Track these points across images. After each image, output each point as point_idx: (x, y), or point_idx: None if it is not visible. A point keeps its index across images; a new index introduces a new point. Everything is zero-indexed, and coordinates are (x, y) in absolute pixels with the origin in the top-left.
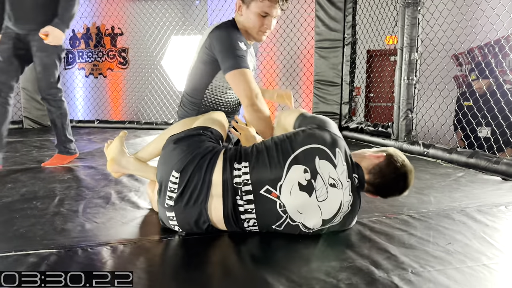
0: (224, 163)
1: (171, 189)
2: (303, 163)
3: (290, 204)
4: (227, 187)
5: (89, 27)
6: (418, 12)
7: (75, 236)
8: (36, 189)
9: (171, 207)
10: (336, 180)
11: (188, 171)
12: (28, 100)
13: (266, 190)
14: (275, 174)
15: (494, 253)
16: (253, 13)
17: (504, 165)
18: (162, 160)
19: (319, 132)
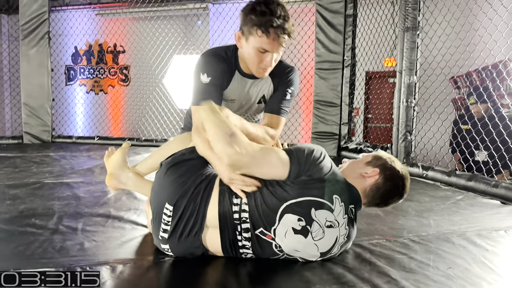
0: (221, 195)
1: (164, 221)
2: (297, 213)
3: (286, 246)
4: (226, 221)
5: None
6: (417, 36)
7: (74, 255)
8: (35, 206)
9: (165, 240)
10: (333, 221)
11: (182, 204)
12: (29, 115)
13: (261, 232)
14: (270, 218)
15: (494, 278)
16: (251, 47)
17: (503, 189)
18: (156, 187)
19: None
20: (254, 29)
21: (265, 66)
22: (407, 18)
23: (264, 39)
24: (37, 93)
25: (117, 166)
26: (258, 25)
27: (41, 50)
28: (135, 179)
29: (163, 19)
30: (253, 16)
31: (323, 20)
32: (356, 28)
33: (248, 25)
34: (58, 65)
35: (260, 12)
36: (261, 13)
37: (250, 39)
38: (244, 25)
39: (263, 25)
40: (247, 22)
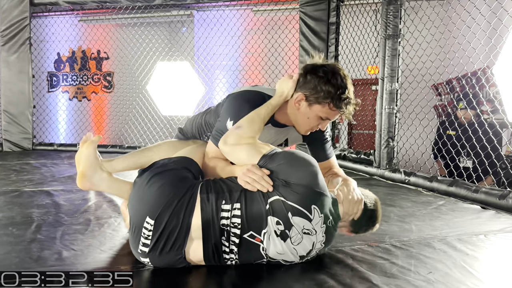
0: (203, 203)
1: (144, 235)
2: (276, 216)
3: (271, 249)
4: (209, 228)
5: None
6: (398, 44)
7: (52, 264)
8: (13, 215)
9: (144, 254)
10: (311, 230)
11: (164, 219)
12: (9, 123)
13: (250, 235)
14: (261, 220)
15: (474, 282)
16: (313, 114)
17: (483, 194)
18: (136, 196)
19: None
20: (326, 101)
21: (317, 129)
22: (389, 25)
23: (335, 112)
24: (18, 100)
25: (89, 165)
26: (333, 99)
27: (22, 56)
28: (109, 180)
29: (146, 25)
30: (330, 88)
31: (306, 27)
32: (339, 35)
33: (321, 94)
34: (39, 71)
35: (337, 86)
36: (337, 87)
37: (316, 107)
38: (312, 92)
39: (339, 101)
40: (317, 91)
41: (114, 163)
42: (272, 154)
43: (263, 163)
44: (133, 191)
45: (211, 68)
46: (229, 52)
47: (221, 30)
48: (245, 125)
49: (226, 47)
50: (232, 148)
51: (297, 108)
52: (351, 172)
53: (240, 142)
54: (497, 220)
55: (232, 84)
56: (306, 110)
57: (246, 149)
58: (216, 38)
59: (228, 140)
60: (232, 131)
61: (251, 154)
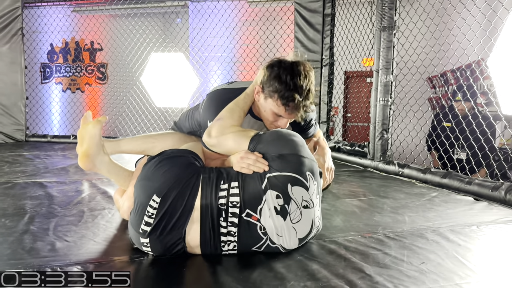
0: (205, 185)
1: (148, 213)
2: (276, 189)
3: (269, 227)
4: (207, 210)
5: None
6: (393, 35)
7: (44, 256)
8: (6, 206)
9: (145, 233)
10: (309, 201)
11: (170, 197)
12: (2, 114)
13: (246, 214)
14: (257, 197)
15: (466, 272)
16: (268, 109)
17: (476, 186)
18: (144, 177)
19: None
20: (275, 96)
21: (278, 127)
22: (384, 17)
23: (282, 109)
24: (10, 91)
25: (94, 145)
26: (280, 95)
27: (14, 47)
28: (110, 164)
29: (140, 16)
30: (277, 83)
31: (301, 19)
32: (334, 27)
33: (270, 88)
34: (32, 62)
35: (285, 83)
36: (285, 84)
37: (269, 101)
38: (266, 85)
39: (284, 98)
40: (269, 85)
41: (121, 143)
42: (260, 136)
43: (253, 146)
44: (141, 173)
45: (206, 59)
46: (223, 43)
47: (215, 21)
48: (225, 115)
49: (220, 39)
50: (217, 139)
51: (257, 100)
52: (345, 164)
53: (224, 132)
54: (489, 211)
55: (227, 75)
56: (263, 103)
57: (232, 137)
58: (211, 29)
59: (212, 133)
60: (213, 123)
61: (239, 141)
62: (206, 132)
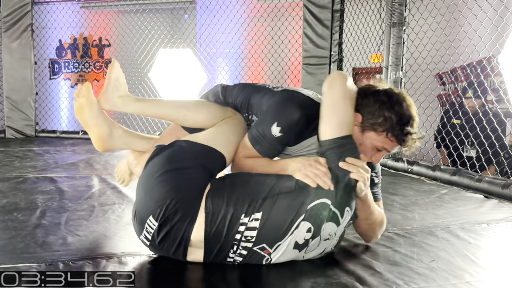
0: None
1: (147, 229)
2: (312, 221)
3: (277, 260)
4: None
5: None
6: (403, 32)
7: (57, 250)
8: (18, 200)
9: (146, 244)
10: (332, 235)
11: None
12: (12, 109)
13: (261, 248)
14: (279, 233)
15: (476, 270)
16: (368, 141)
17: (486, 183)
18: (144, 186)
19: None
20: (384, 132)
21: (371, 161)
22: (394, 13)
23: (394, 144)
24: (20, 87)
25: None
26: (393, 132)
27: (24, 43)
28: (126, 136)
29: (148, 12)
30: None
31: (310, 15)
32: (343, 23)
33: (378, 121)
34: (41, 58)
35: (400, 116)
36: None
37: (371, 135)
38: (368, 116)
39: (399, 133)
40: (376, 116)
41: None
42: None
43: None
44: (142, 176)
45: (214, 55)
46: (231, 39)
47: (223, 17)
48: None
49: (228, 35)
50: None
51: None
52: None
53: None
54: (500, 209)
55: (235, 72)
56: (359, 135)
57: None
58: (219, 26)
59: None
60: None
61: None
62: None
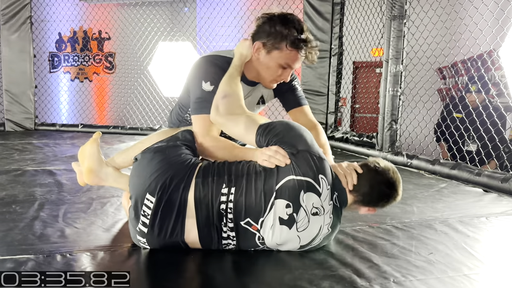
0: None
1: (145, 213)
2: (286, 198)
3: (269, 239)
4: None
5: (76, 30)
6: (403, 25)
7: (54, 242)
8: (16, 193)
9: (143, 234)
10: (319, 208)
11: (164, 194)
12: (11, 102)
13: (246, 223)
14: (259, 208)
15: (474, 263)
16: (273, 61)
17: (485, 177)
18: (136, 172)
19: (300, 158)
20: (283, 44)
21: (281, 80)
22: (394, 6)
23: (294, 55)
24: (19, 80)
25: (95, 160)
26: (292, 41)
27: (23, 36)
28: (115, 174)
29: (148, 5)
30: (284, 30)
31: (310, 7)
32: (344, 16)
33: (277, 38)
34: (41, 51)
35: (294, 28)
36: (295, 28)
37: (275, 53)
38: (269, 38)
39: (297, 42)
40: (274, 36)
41: (115, 158)
42: (268, 124)
43: (264, 136)
44: (133, 168)
45: (213, 49)
46: (231, 32)
47: (223, 10)
48: (230, 92)
49: (228, 28)
50: (227, 118)
51: (257, 58)
52: (352, 155)
53: (235, 112)
54: (499, 203)
55: None
56: (266, 58)
57: (243, 120)
58: (219, 19)
59: (221, 109)
60: (219, 100)
61: (249, 125)
62: (213, 109)
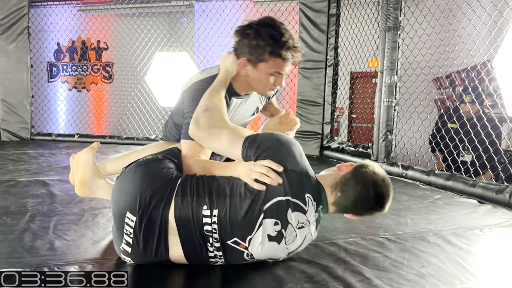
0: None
1: (127, 231)
2: (274, 217)
3: (258, 254)
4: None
5: (74, 40)
6: (398, 36)
7: (43, 254)
8: (8, 204)
9: (127, 253)
10: (305, 222)
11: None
12: (7, 112)
13: (234, 242)
14: (246, 228)
15: (467, 277)
16: (263, 73)
17: (480, 188)
18: (117, 189)
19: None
20: (266, 55)
21: (276, 87)
22: (389, 18)
23: (279, 63)
24: (16, 90)
25: (88, 172)
26: (272, 51)
27: (20, 46)
28: (107, 186)
29: (146, 15)
30: (262, 42)
31: (306, 19)
32: (339, 27)
33: (258, 52)
34: (38, 61)
35: (270, 36)
36: (271, 37)
37: (261, 66)
38: (251, 53)
39: (277, 50)
40: (255, 50)
41: (106, 165)
42: (255, 136)
43: (249, 145)
44: (116, 182)
45: (210, 59)
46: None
47: (220, 21)
48: (212, 106)
49: (225, 38)
50: (209, 131)
51: (245, 74)
52: None
53: (216, 125)
54: (493, 214)
55: None
56: (254, 73)
57: (226, 133)
58: (216, 29)
59: (201, 123)
60: (200, 114)
61: (233, 138)
62: (193, 122)
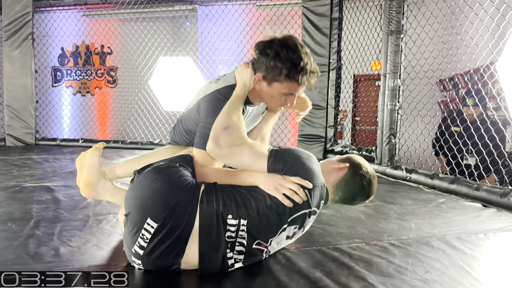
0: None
1: (144, 237)
2: (296, 223)
3: (273, 250)
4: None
5: (79, 45)
6: (401, 39)
7: (48, 261)
8: (13, 210)
9: (138, 256)
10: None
11: (169, 222)
12: (12, 118)
13: (257, 243)
14: (269, 233)
15: (471, 282)
16: (276, 92)
17: (484, 192)
18: (135, 192)
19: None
20: (281, 77)
21: (287, 105)
22: (391, 21)
23: (294, 86)
24: (21, 95)
25: (94, 173)
26: (288, 74)
27: (25, 51)
28: (113, 189)
29: (149, 20)
30: (280, 63)
31: (309, 23)
32: (342, 31)
33: (274, 72)
34: (42, 66)
35: (289, 60)
36: (290, 60)
37: (275, 85)
38: (267, 72)
39: (294, 75)
40: (271, 69)
41: (115, 168)
42: (277, 151)
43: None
44: (131, 186)
45: (214, 63)
46: (231, 47)
47: (223, 25)
48: (232, 125)
49: (228, 42)
50: (230, 151)
51: (259, 89)
52: None
53: (236, 143)
54: (497, 218)
55: None
56: (267, 89)
57: (247, 150)
58: (219, 33)
59: (221, 142)
60: (220, 132)
61: (255, 154)
62: (213, 140)
